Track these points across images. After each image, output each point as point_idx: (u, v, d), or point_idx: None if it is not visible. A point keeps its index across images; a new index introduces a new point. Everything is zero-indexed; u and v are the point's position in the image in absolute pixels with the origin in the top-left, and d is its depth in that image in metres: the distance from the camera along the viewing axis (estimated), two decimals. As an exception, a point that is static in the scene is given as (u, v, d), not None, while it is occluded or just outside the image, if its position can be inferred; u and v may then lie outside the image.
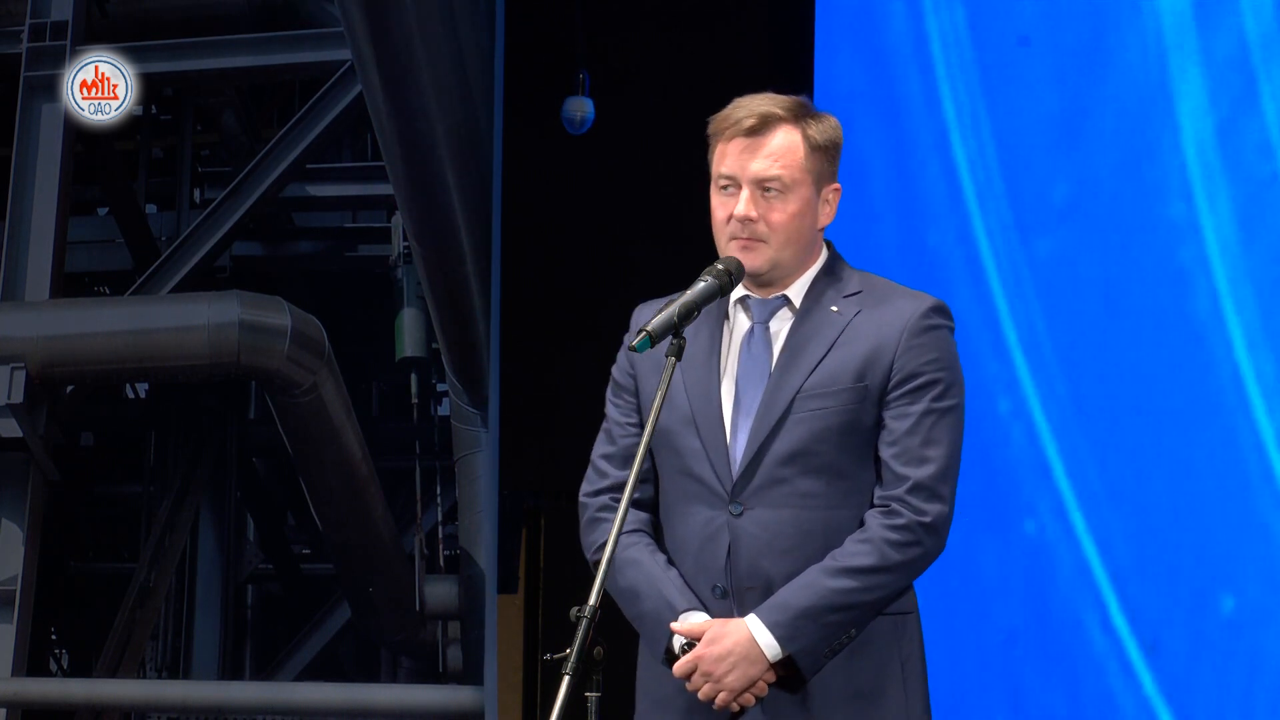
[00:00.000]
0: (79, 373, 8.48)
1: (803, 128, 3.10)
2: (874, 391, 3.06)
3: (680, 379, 3.12)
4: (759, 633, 2.99)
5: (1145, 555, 4.80)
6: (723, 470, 3.08)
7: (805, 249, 3.13)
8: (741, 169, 3.08)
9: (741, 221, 3.08)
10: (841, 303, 3.11)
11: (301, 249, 11.11)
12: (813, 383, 3.06)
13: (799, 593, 3.00)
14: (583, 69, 5.64)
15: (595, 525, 3.19)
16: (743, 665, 2.99)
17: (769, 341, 3.12)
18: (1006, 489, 4.97)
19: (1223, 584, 4.73)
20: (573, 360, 5.54)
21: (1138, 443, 4.85)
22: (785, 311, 3.14)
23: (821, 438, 3.05)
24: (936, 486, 3.03)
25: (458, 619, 9.41)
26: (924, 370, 3.06)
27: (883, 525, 3.02)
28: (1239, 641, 4.70)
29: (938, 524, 3.03)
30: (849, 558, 3.01)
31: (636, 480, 2.95)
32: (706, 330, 3.15)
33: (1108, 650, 4.81)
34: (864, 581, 3.00)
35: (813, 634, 2.99)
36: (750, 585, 3.05)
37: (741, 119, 3.09)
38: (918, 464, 3.03)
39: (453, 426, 8.55)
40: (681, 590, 3.07)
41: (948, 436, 3.05)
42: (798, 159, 3.09)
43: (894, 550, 3.01)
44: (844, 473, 3.06)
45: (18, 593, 8.20)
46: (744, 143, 3.09)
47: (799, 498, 3.05)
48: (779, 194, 3.08)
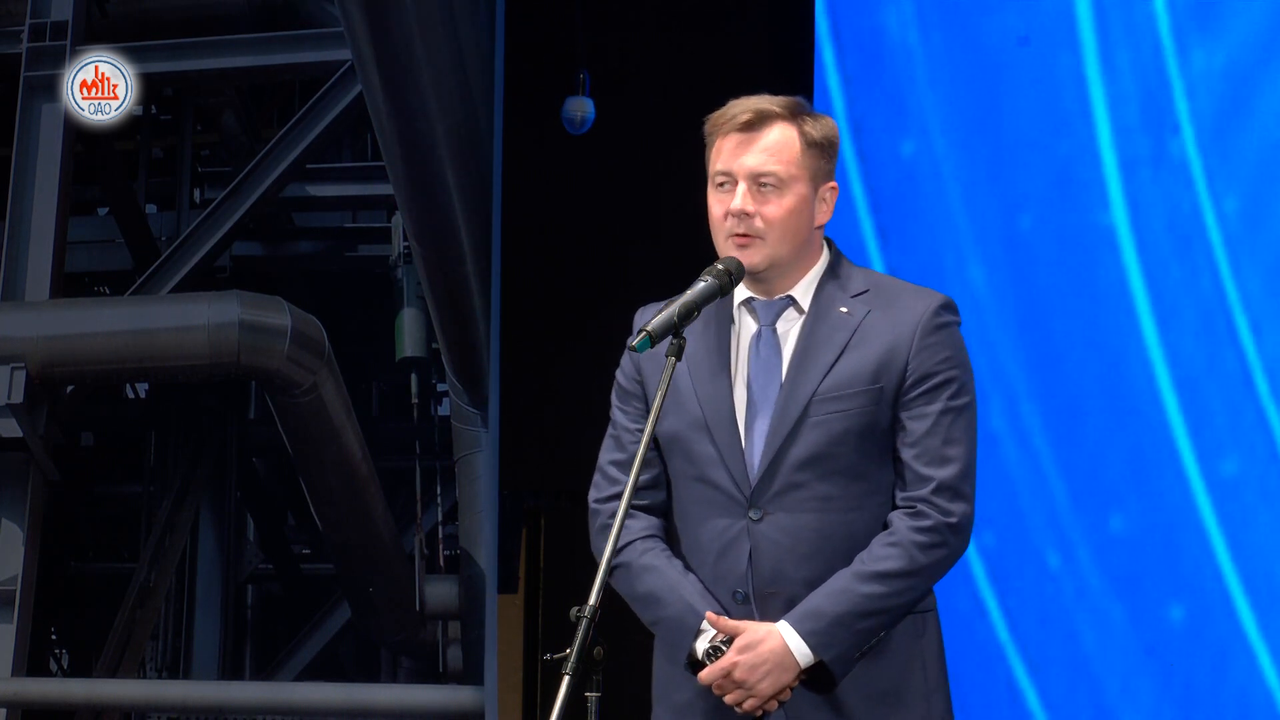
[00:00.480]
0: (79, 373, 8.49)
1: (799, 125, 3.10)
2: (889, 393, 3.05)
3: (690, 383, 3.11)
4: (793, 641, 2.99)
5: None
6: (740, 476, 3.07)
7: (802, 246, 3.11)
8: (737, 164, 3.08)
9: (738, 216, 3.07)
10: (850, 303, 3.10)
11: (301, 249, 11.11)
12: (828, 386, 3.05)
13: (832, 599, 2.99)
14: (583, 69, 5.63)
15: (606, 532, 3.15)
16: (776, 673, 2.99)
17: (778, 344, 3.11)
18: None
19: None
20: (573, 360, 5.54)
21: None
22: (792, 313, 3.13)
23: (840, 441, 3.04)
24: (960, 486, 3.03)
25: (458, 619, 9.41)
26: (939, 369, 3.06)
27: (910, 528, 3.02)
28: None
29: (963, 524, 3.03)
30: (879, 562, 3.01)
31: (635, 487, 2.94)
32: (713, 334, 3.14)
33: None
34: (895, 586, 3.00)
35: (846, 640, 2.99)
36: (773, 590, 3.04)
37: (737, 114, 3.09)
38: (940, 464, 3.03)
39: (453, 426, 8.55)
40: (702, 595, 3.07)
41: (966, 434, 3.05)
42: (794, 155, 3.08)
43: (922, 553, 3.01)
44: (862, 475, 3.06)
45: (18, 593, 8.20)
46: (739, 138, 3.09)
47: (818, 501, 3.04)
48: (775, 189, 3.07)
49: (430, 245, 7.52)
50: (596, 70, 5.65)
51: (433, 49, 6.52)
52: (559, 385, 5.67)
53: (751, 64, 5.50)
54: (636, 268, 5.41)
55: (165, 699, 8.83)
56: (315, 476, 9.33)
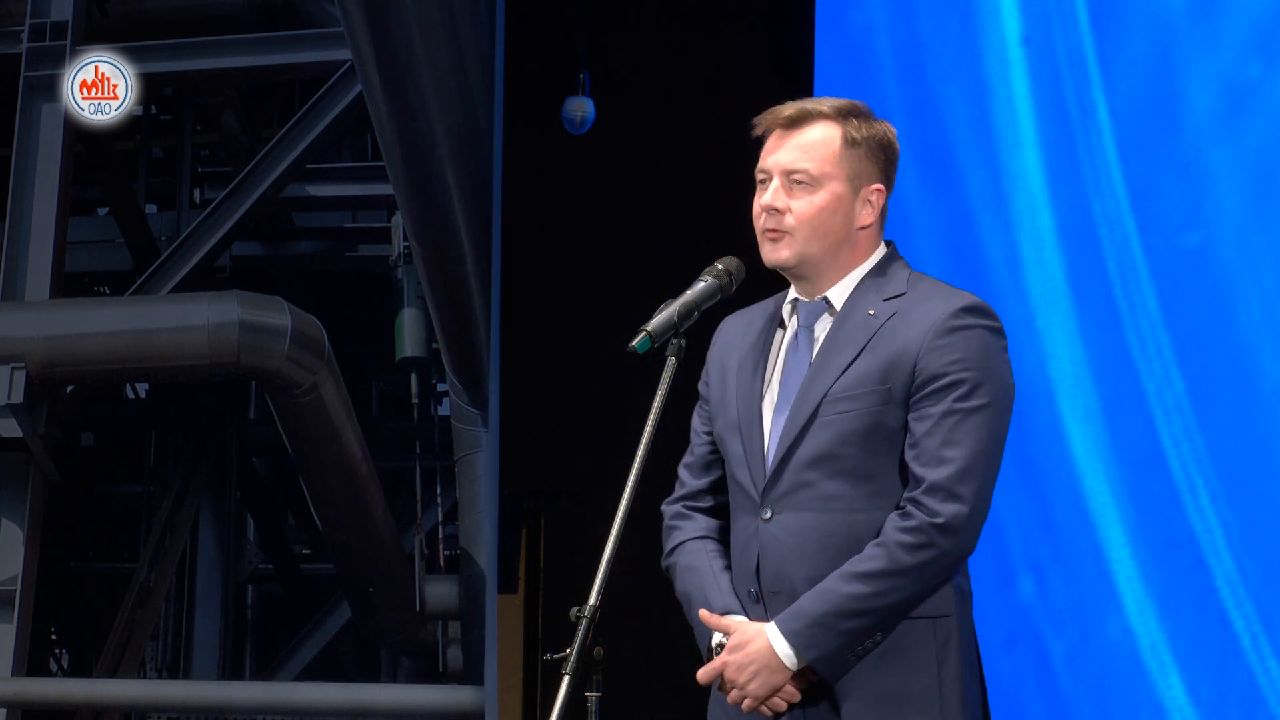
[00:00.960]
0: (79, 373, 8.49)
1: (843, 124, 3.09)
2: (898, 394, 3.04)
3: (734, 384, 3.13)
4: (776, 641, 3.00)
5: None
6: (758, 475, 3.09)
7: (837, 246, 3.10)
8: (772, 160, 3.09)
9: (768, 211, 3.08)
10: (880, 305, 3.08)
11: (301, 249, 11.12)
12: (840, 386, 3.05)
13: (814, 600, 2.99)
14: (583, 69, 5.64)
15: (667, 534, 3.21)
16: (764, 673, 2.99)
17: (810, 345, 3.12)
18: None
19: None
20: (573, 360, 5.54)
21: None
22: (827, 315, 3.13)
23: (846, 440, 3.03)
24: (954, 487, 2.99)
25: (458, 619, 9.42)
26: (948, 371, 3.02)
27: (896, 528, 3.00)
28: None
29: (954, 524, 2.98)
30: (862, 562, 2.99)
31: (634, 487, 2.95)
32: (759, 334, 3.15)
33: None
34: (876, 586, 2.98)
35: (829, 641, 2.98)
36: (776, 590, 3.05)
37: (781, 111, 3.11)
38: (935, 465, 3.00)
39: (453, 426, 8.55)
40: (726, 594, 3.08)
41: (972, 437, 3.00)
42: (830, 153, 3.08)
43: (905, 553, 2.98)
44: (870, 476, 3.04)
45: (18, 593, 8.20)
46: (779, 134, 3.10)
47: (822, 501, 3.04)
48: (806, 186, 3.07)
49: (430, 245, 7.52)
50: (596, 70, 5.65)
51: (433, 49, 6.52)
52: (559, 385, 5.68)
53: (751, 64, 5.49)
54: (636, 268, 5.41)
55: (165, 699, 8.83)
56: (315, 476, 9.33)
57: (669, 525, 3.21)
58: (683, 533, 3.18)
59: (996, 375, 3.05)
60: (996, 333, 3.08)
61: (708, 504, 3.20)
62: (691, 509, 3.15)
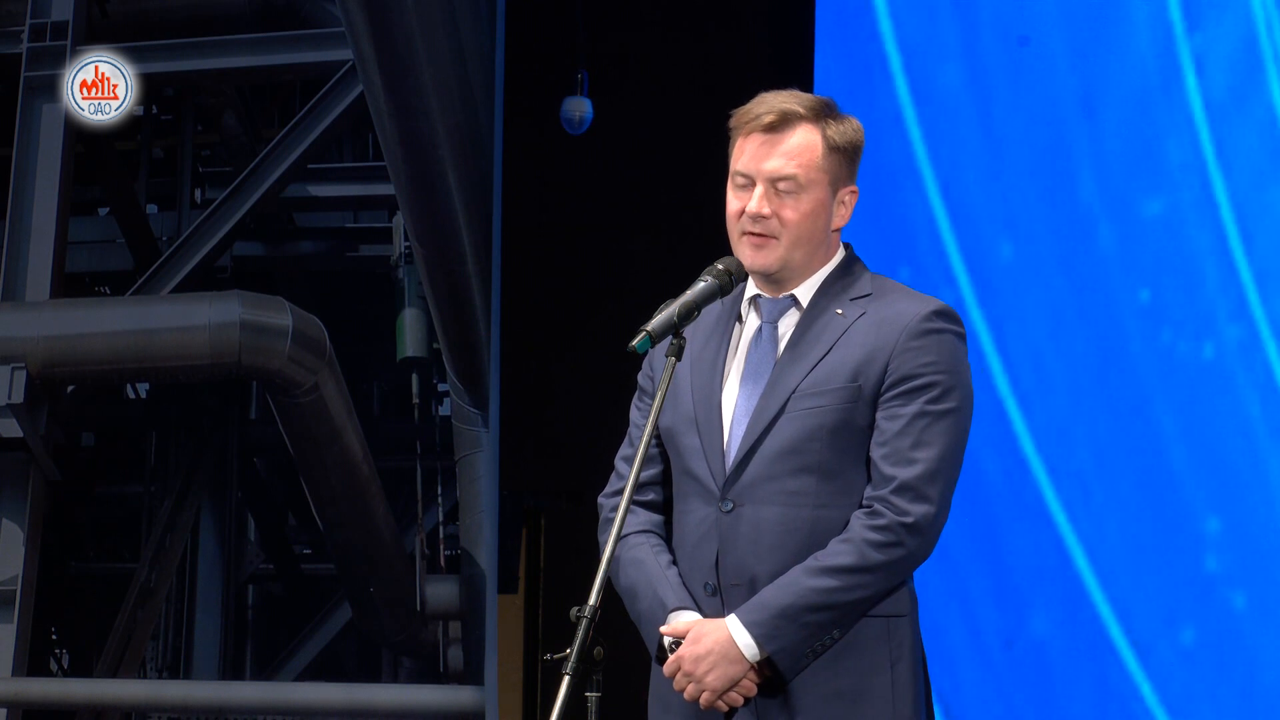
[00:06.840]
0: (79, 373, 8.48)
1: (822, 128, 3.10)
2: (868, 392, 3.05)
3: (688, 378, 3.13)
4: (737, 633, 2.99)
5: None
6: (717, 467, 3.08)
7: (816, 249, 3.12)
8: (757, 166, 3.08)
9: (754, 218, 3.08)
10: (848, 305, 3.10)
11: (302, 249, 11.11)
12: (809, 382, 3.06)
13: (778, 592, 2.99)
14: (582, 69, 5.64)
15: (606, 527, 3.19)
16: (722, 665, 2.99)
17: (775, 341, 3.12)
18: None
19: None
20: (573, 360, 5.55)
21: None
22: (793, 311, 3.14)
23: (813, 436, 3.04)
24: (922, 487, 3.00)
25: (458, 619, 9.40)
26: (921, 372, 3.04)
27: (864, 525, 3.01)
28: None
29: (921, 525, 3.00)
30: (829, 557, 3.00)
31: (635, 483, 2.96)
32: (718, 329, 3.15)
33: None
34: (843, 581, 2.98)
35: (791, 634, 2.98)
36: (735, 582, 3.05)
37: (761, 114, 3.10)
38: (905, 464, 3.01)
39: (454, 426, 8.55)
40: (676, 589, 3.08)
41: (941, 439, 3.03)
42: (814, 159, 3.09)
43: (874, 550, 2.99)
44: (835, 473, 3.05)
45: (18, 593, 8.20)
46: (762, 139, 3.09)
47: (786, 495, 3.04)
48: (793, 193, 3.08)
49: (431, 245, 7.52)
50: (596, 70, 5.65)
51: (433, 49, 6.53)
52: (559, 385, 5.68)
53: (751, 64, 5.50)
54: (636, 268, 5.42)
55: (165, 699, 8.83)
56: (316, 476, 9.33)
57: (607, 518, 3.17)
58: (626, 526, 3.14)
59: (965, 381, 3.09)
60: (963, 339, 3.12)
61: (647, 498, 3.19)
62: (632, 503, 3.11)
